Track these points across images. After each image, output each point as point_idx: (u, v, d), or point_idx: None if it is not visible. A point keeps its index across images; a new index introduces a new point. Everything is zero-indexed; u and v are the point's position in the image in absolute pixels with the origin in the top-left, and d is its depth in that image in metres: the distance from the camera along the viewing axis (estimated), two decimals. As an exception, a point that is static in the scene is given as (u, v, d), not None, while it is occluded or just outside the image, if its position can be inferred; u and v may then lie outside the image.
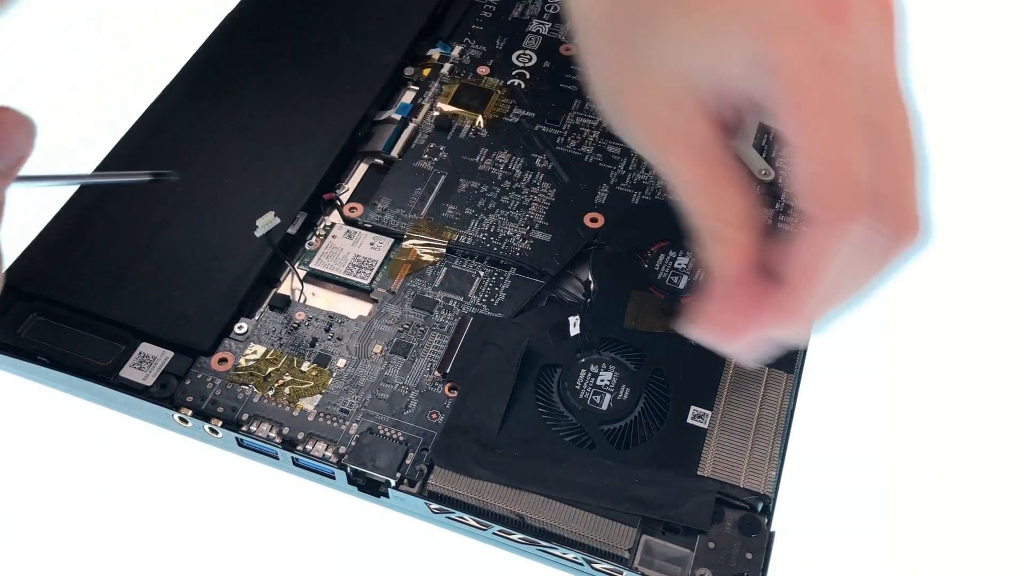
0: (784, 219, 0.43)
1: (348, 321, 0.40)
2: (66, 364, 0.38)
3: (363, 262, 0.42)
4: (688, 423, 0.36)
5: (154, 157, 0.44)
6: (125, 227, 0.42)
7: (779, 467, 0.35)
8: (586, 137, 0.46)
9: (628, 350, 0.38)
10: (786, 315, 0.28)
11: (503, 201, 0.44)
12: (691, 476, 0.35)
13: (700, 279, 0.40)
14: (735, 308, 0.29)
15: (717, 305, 0.29)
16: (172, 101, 0.47)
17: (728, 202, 0.29)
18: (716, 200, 0.29)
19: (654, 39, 0.28)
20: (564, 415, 0.37)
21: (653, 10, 0.28)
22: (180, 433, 0.39)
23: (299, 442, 0.37)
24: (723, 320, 0.29)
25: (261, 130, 0.45)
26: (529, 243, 0.42)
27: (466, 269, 0.42)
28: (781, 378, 0.37)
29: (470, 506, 0.35)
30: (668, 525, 0.34)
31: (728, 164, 0.29)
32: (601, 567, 0.34)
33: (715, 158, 0.29)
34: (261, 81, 0.48)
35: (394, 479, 0.35)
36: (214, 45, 0.49)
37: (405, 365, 0.39)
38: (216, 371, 0.38)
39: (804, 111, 0.26)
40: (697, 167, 0.29)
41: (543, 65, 0.50)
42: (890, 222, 0.27)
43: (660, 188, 0.44)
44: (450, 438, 0.36)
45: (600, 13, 0.29)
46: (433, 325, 0.40)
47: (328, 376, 0.38)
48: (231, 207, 0.42)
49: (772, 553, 0.34)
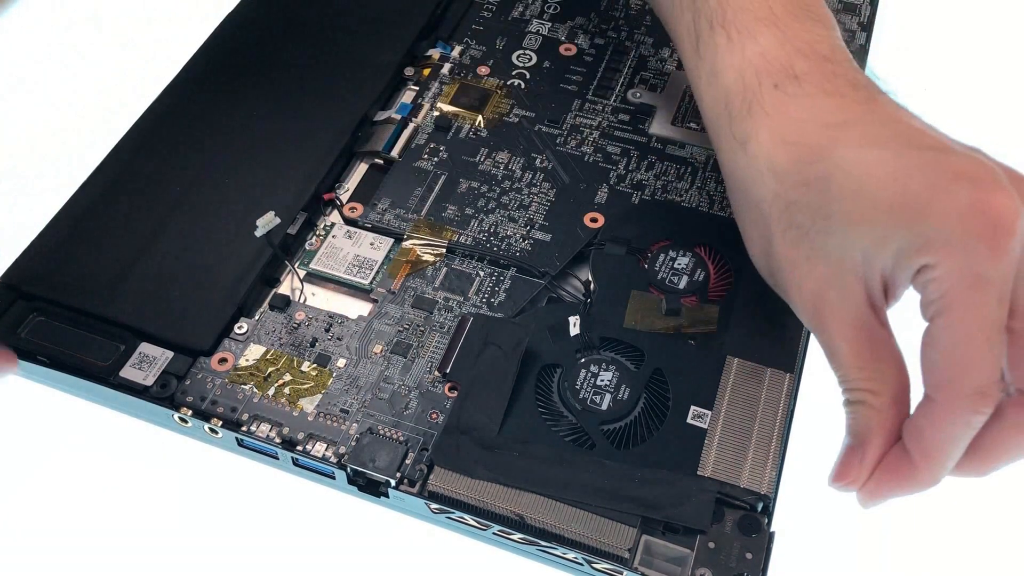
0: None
1: (348, 321, 0.40)
2: (66, 364, 0.38)
3: (363, 262, 0.42)
4: (688, 423, 0.36)
5: (154, 157, 0.44)
6: (125, 227, 0.42)
7: (779, 467, 0.35)
8: (586, 137, 0.46)
9: (628, 350, 0.38)
10: (915, 484, 0.32)
11: (503, 201, 0.44)
12: (691, 476, 0.35)
13: (700, 279, 0.40)
14: (869, 472, 0.33)
15: (856, 467, 0.33)
16: (172, 101, 0.47)
17: (880, 372, 0.32)
18: (870, 369, 0.32)
19: (829, 236, 0.32)
20: (564, 415, 0.37)
21: (828, 212, 0.32)
22: (180, 433, 0.39)
23: (299, 442, 0.37)
24: (858, 481, 0.33)
25: (261, 130, 0.45)
26: (529, 243, 0.42)
27: (466, 269, 0.42)
28: (781, 378, 0.37)
29: (470, 506, 0.35)
30: (668, 525, 0.34)
31: (887, 340, 0.32)
32: (601, 567, 0.34)
33: (874, 333, 0.32)
34: (261, 81, 0.48)
35: (394, 479, 0.35)
36: (214, 45, 0.49)
37: (405, 365, 0.39)
38: (216, 371, 0.38)
39: (948, 317, 0.30)
40: (856, 340, 0.32)
41: (543, 65, 0.50)
42: None
43: (660, 188, 0.44)
44: (450, 438, 0.36)
45: (779, 203, 0.34)
46: (433, 325, 0.40)
47: (328, 376, 0.38)
48: (231, 207, 0.42)
49: (772, 553, 0.34)
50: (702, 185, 0.44)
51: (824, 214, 0.32)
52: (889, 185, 0.30)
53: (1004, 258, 0.29)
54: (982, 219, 0.29)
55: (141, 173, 0.44)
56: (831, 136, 0.33)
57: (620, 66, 0.50)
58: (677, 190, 0.44)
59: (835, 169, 0.32)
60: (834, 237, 0.32)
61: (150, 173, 0.44)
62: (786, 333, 0.39)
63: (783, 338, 0.38)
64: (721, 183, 0.44)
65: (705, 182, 0.44)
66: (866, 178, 0.31)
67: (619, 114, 0.47)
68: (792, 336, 0.39)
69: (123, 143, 0.45)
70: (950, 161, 0.30)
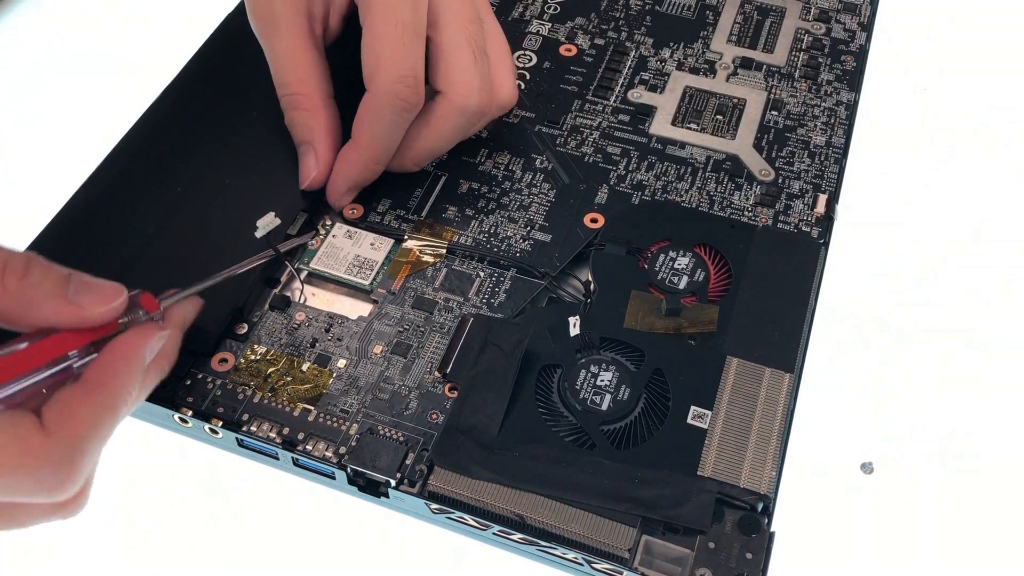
0: (784, 219, 0.43)
1: (348, 321, 0.40)
2: (66, 364, 0.38)
3: (363, 263, 0.42)
4: (688, 423, 0.36)
5: (154, 158, 0.44)
6: (125, 228, 0.42)
7: (779, 467, 0.35)
8: (586, 138, 0.46)
9: (628, 350, 0.38)
10: (362, 167, 0.42)
11: (503, 202, 0.44)
12: (691, 476, 0.35)
13: (699, 279, 0.40)
14: (327, 166, 0.42)
15: (313, 166, 0.42)
16: (172, 101, 0.47)
17: (311, 77, 0.42)
18: (294, 69, 0.42)
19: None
20: (564, 415, 0.37)
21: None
22: (180, 433, 0.39)
23: (299, 442, 0.37)
24: (320, 177, 0.42)
25: (262, 131, 0.45)
26: (529, 244, 0.42)
27: (466, 270, 0.42)
28: (781, 378, 0.37)
29: (470, 506, 0.35)
30: (668, 525, 0.34)
31: (319, 53, 0.42)
32: (601, 567, 0.34)
33: (310, 43, 0.42)
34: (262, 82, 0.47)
35: (394, 479, 0.35)
36: (214, 46, 0.49)
37: (405, 365, 0.39)
38: (216, 371, 0.38)
39: (369, 17, 0.39)
40: (293, 48, 0.41)
41: (543, 65, 0.50)
42: None
43: (660, 188, 0.44)
44: (450, 438, 0.36)
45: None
46: (433, 325, 0.40)
47: (328, 376, 0.38)
48: (231, 208, 0.42)
49: (772, 553, 0.34)
50: (702, 185, 0.44)
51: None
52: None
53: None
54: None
55: (141, 174, 0.44)
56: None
57: (620, 66, 0.50)
58: (677, 190, 0.44)
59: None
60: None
61: (150, 174, 0.44)
62: (786, 333, 0.39)
63: (783, 338, 0.38)
64: (721, 183, 0.44)
65: (705, 182, 0.44)
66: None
67: (619, 114, 0.47)
68: (792, 336, 0.39)
69: (123, 144, 0.45)
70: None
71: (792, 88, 0.49)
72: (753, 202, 0.44)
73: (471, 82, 0.41)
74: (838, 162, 0.45)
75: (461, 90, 0.41)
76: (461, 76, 0.41)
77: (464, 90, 0.41)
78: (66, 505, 0.30)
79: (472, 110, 0.41)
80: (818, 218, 0.43)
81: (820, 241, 0.42)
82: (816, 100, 0.48)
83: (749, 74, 0.49)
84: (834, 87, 0.49)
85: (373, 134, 0.40)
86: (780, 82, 0.49)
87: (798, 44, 0.51)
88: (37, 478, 0.28)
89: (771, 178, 0.45)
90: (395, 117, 0.40)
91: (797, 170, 0.45)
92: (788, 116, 0.47)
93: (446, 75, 0.41)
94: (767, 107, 0.48)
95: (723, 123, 0.47)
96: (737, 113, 0.47)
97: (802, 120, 0.47)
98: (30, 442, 0.28)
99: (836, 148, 0.46)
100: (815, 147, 0.46)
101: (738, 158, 0.45)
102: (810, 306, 0.40)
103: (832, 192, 0.44)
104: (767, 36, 0.51)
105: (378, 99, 0.39)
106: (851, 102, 0.48)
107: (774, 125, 0.47)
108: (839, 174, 0.45)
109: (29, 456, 0.28)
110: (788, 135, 0.46)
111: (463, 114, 0.41)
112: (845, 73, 0.49)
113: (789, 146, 0.46)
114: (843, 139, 0.46)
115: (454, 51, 0.40)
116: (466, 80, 0.41)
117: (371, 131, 0.40)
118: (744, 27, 0.52)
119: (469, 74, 0.41)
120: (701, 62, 0.50)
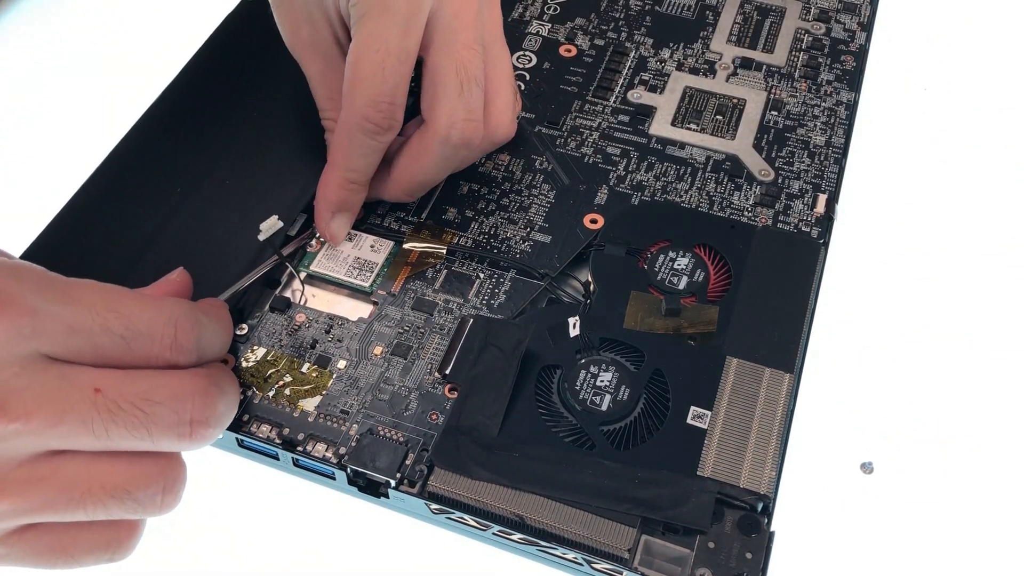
0: (784, 219, 0.43)
1: (348, 323, 0.40)
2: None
3: (363, 264, 0.42)
4: (688, 423, 0.36)
5: (154, 159, 0.44)
6: (126, 229, 0.42)
7: (779, 467, 0.35)
8: (586, 138, 0.46)
9: (628, 350, 0.38)
10: (332, 188, 0.41)
11: (503, 203, 0.44)
12: (691, 476, 0.35)
13: (699, 279, 0.41)
14: None
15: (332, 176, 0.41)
16: (173, 102, 0.47)
17: (334, 95, 0.41)
18: (326, 93, 0.42)
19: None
20: (564, 416, 0.37)
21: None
22: (181, 434, 0.39)
23: (299, 443, 0.37)
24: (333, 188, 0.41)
25: (262, 132, 0.45)
26: (529, 245, 0.42)
27: (466, 271, 0.42)
28: (781, 378, 0.37)
29: (470, 507, 0.35)
30: (668, 525, 0.34)
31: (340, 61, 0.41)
32: (601, 567, 0.34)
33: (333, 61, 0.41)
34: (262, 82, 0.48)
35: (394, 480, 0.35)
36: (214, 46, 0.49)
37: (405, 366, 0.39)
38: (216, 372, 0.38)
39: (357, 36, 0.38)
40: (325, 73, 0.41)
41: (543, 66, 0.50)
42: None
43: (660, 189, 0.44)
44: (450, 439, 0.36)
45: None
46: (433, 327, 0.40)
47: (328, 377, 0.38)
48: (231, 209, 0.42)
49: (772, 553, 0.34)
50: (702, 185, 0.44)
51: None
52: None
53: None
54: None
55: (141, 174, 0.44)
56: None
57: (620, 67, 0.50)
58: (677, 191, 0.44)
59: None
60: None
61: (150, 174, 0.44)
62: (786, 333, 0.39)
63: (783, 338, 0.38)
64: (721, 183, 0.44)
65: (705, 182, 0.44)
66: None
67: (619, 115, 0.47)
68: (792, 336, 0.39)
69: (123, 144, 0.45)
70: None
71: (792, 88, 0.49)
72: (753, 202, 0.44)
73: (453, 114, 0.39)
74: (838, 162, 0.45)
75: (442, 121, 0.39)
76: (442, 107, 0.39)
77: (445, 121, 0.39)
78: (121, 541, 0.33)
79: (453, 143, 0.40)
80: (818, 218, 0.43)
81: (820, 241, 0.42)
82: (816, 100, 0.48)
83: (749, 74, 0.49)
84: (834, 87, 0.49)
85: (345, 154, 0.40)
86: (780, 82, 0.49)
87: (798, 44, 0.51)
88: None
89: (771, 178, 0.45)
90: (366, 139, 0.39)
91: (797, 170, 0.45)
92: (788, 116, 0.47)
93: (430, 104, 0.39)
94: (767, 107, 0.48)
95: (723, 123, 0.47)
96: (737, 113, 0.47)
97: (802, 120, 0.47)
98: None
99: (836, 148, 0.46)
100: (815, 147, 0.46)
101: (738, 158, 0.45)
102: (810, 306, 0.40)
103: (832, 192, 0.44)
104: (767, 36, 0.51)
105: (349, 121, 0.39)
106: (851, 102, 0.48)
107: (774, 125, 0.47)
108: (839, 174, 0.45)
109: None
110: (788, 135, 0.46)
111: (444, 145, 0.40)
112: (845, 73, 0.49)
113: (789, 146, 0.46)
114: (843, 139, 0.46)
115: (440, 79, 0.39)
116: (448, 111, 0.39)
117: (343, 152, 0.40)
118: (744, 27, 0.52)
119: (451, 105, 0.39)
120: (701, 62, 0.50)
